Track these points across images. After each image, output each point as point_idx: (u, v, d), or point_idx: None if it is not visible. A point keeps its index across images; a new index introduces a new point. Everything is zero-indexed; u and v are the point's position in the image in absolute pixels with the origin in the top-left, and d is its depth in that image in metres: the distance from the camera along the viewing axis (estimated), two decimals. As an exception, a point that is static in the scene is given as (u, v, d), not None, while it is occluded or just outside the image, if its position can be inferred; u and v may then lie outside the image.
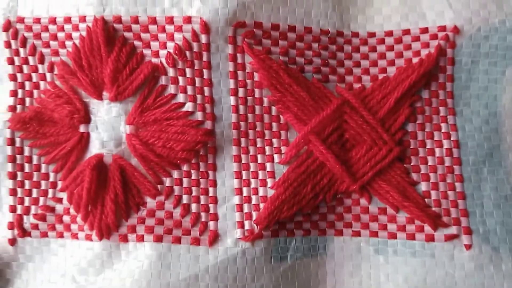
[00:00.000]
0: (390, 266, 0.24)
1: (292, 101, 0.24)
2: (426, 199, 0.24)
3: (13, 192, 0.25)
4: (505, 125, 0.24)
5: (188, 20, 0.23)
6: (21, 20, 0.25)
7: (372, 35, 0.25)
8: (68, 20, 0.24)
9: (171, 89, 0.24)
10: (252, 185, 0.24)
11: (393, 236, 0.24)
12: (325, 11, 0.24)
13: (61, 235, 0.24)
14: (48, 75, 0.25)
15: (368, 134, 0.24)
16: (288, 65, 0.24)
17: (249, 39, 0.24)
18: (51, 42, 0.24)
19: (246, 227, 0.23)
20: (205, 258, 0.23)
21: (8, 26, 0.25)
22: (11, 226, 0.25)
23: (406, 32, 0.25)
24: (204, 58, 0.24)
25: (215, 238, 0.23)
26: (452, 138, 0.24)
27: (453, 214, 0.23)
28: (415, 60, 0.24)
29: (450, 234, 0.23)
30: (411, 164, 0.24)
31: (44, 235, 0.25)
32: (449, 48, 0.24)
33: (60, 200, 0.25)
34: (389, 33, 0.25)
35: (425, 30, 0.24)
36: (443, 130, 0.24)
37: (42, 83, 0.25)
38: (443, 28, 0.24)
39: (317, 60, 0.24)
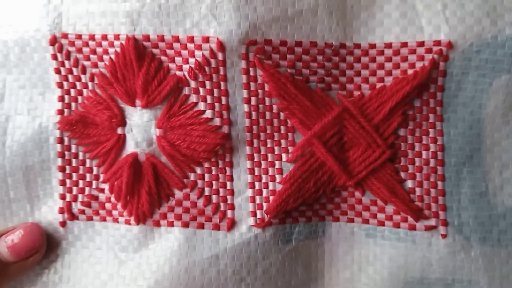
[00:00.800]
0: (378, 247, 0.29)
1: (297, 108, 0.28)
2: (411, 195, 0.28)
3: (62, 183, 0.30)
4: (487, 130, 0.28)
5: (207, 40, 0.27)
6: (65, 36, 0.29)
7: (372, 46, 0.28)
8: (105, 37, 0.28)
9: (193, 98, 0.28)
10: (263, 180, 0.29)
11: (381, 223, 0.29)
12: (329, 26, 0.27)
13: (104, 219, 0.30)
14: (89, 84, 0.29)
15: (363, 138, 0.28)
16: (294, 76, 0.28)
17: (260, 54, 0.27)
18: (91, 56, 0.29)
19: (258, 216, 0.29)
20: (224, 241, 0.28)
21: (54, 41, 0.29)
22: (61, 211, 0.30)
23: (404, 44, 0.28)
24: (221, 72, 0.28)
25: (232, 225, 0.29)
26: (438, 143, 0.28)
27: (433, 208, 0.28)
28: (410, 71, 0.28)
29: (430, 225, 0.28)
30: (401, 164, 0.28)
31: (90, 218, 0.30)
32: (441, 62, 0.27)
33: (102, 190, 0.30)
34: (388, 45, 0.28)
35: (421, 44, 0.27)
36: (430, 135, 0.28)
37: (85, 91, 0.29)
38: (438, 43, 0.27)
39: (321, 71, 0.28)
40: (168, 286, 0.28)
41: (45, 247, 0.30)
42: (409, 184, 0.28)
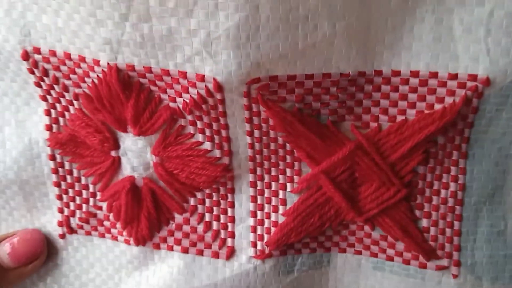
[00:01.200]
0: (385, 280, 0.28)
1: (305, 143, 0.25)
2: (424, 234, 0.26)
3: (59, 197, 0.29)
4: (511, 168, 0.25)
5: (202, 78, 0.23)
6: (37, 51, 0.25)
7: (396, 73, 0.24)
8: (82, 59, 0.24)
9: (190, 129, 0.25)
10: (266, 210, 0.27)
11: (391, 258, 0.27)
12: (347, 55, 0.23)
13: (102, 236, 0.29)
14: (75, 102, 0.26)
15: (377, 176, 0.25)
16: (303, 111, 0.25)
17: (263, 91, 0.24)
18: (71, 76, 0.25)
19: (258, 247, 0.28)
20: (223, 270, 0.28)
21: (26, 55, 0.25)
22: (60, 224, 0.30)
23: (434, 75, 0.23)
24: (220, 109, 0.24)
25: (231, 253, 0.28)
26: (459, 181, 0.25)
27: (447, 248, 0.26)
28: (437, 106, 0.24)
29: (441, 265, 0.26)
30: (416, 202, 0.26)
31: (88, 233, 0.30)
32: (474, 99, 0.23)
33: (100, 208, 0.29)
34: (415, 74, 0.24)
35: (454, 77, 0.23)
36: (451, 173, 0.25)
37: (71, 108, 0.27)
38: (473, 78, 0.23)
39: (333, 103, 0.24)
40: None
41: (45, 254, 0.30)
42: (424, 223, 0.26)
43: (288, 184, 0.27)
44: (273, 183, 0.27)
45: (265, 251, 0.28)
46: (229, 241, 0.28)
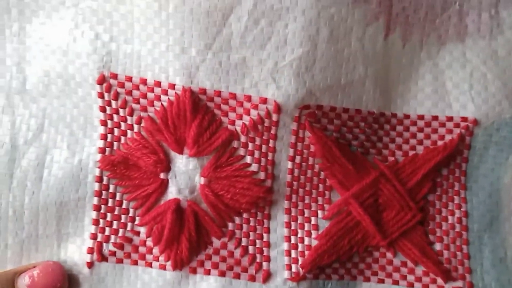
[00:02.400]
0: None
1: (338, 170, 0.30)
2: (439, 257, 0.31)
3: (95, 222, 0.30)
4: (505, 199, 0.32)
5: (264, 101, 0.29)
6: (114, 76, 0.30)
7: (407, 117, 0.32)
8: (158, 84, 0.30)
9: (241, 152, 0.30)
10: (299, 235, 0.31)
11: (411, 285, 0.30)
12: (374, 96, 0.31)
13: (135, 263, 0.30)
14: (135, 126, 0.30)
15: (397, 201, 0.31)
16: (339, 140, 0.31)
17: (311, 118, 0.30)
18: (141, 100, 0.30)
19: (293, 269, 0.30)
20: (260, 293, 0.30)
21: (103, 80, 0.30)
22: (90, 251, 0.30)
23: (435, 118, 0.31)
24: (272, 131, 0.30)
25: (267, 277, 0.30)
26: (462, 209, 0.31)
27: (460, 271, 0.31)
28: (439, 142, 0.31)
29: (457, 286, 0.30)
30: (429, 227, 0.31)
31: (120, 261, 0.30)
32: (467, 136, 0.31)
33: (137, 233, 0.30)
34: (421, 117, 0.32)
35: (450, 119, 0.31)
36: (455, 202, 0.31)
37: (129, 132, 0.30)
38: (465, 119, 0.31)
39: (362, 136, 0.31)
40: None
41: (67, 286, 0.30)
42: (437, 246, 0.31)
43: (319, 212, 0.31)
44: (305, 210, 0.31)
45: (299, 274, 0.30)
46: (264, 265, 0.30)
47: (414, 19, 0.31)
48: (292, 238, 0.31)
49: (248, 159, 0.30)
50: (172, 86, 0.29)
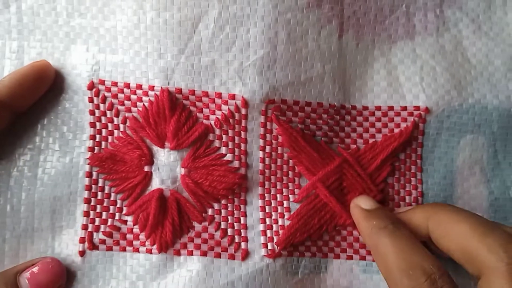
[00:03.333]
0: (373, 282, 0.34)
1: (305, 157, 0.35)
2: (399, 233, 0.35)
3: (86, 214, 0.34)
4: (457, 180, 0.36)
5: (233, 97, 0.34)
6: (102, 82, 0.34)
7: (365, 108, 0.36)
8: (139, 87, 0.34)
9: (217, 143, 0.34)
10: (273, 217, 0.35)
11: (375, 259, 0.35)
12: (333, 90, 0.35)
13: (123, 249, 0.34)
14: (121, 126, 0.34)
15: (360, 184, 0.35)
16: (304, 131, 0.35)
17: (277, 112, 0.34)
18: (126, 102, 0.34)
19: (269, 247, 0.34)
20: (239, 269, 0.33)
21: (92, 86, 0.34)
22: (82, 240, 0.34)
23: (391, 108, 0.36)
24: (243, 124, 0.34)
25: (246, 255, 0.34)
26: (418, 189, 0.35)
27: (418, 244, 0.35)
28: (396, 130, 0.36)
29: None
30: (389, 206, 0.35)
31: (109, 249, 0.34)
32: (420, 123, 0.35)
33: (125, 222, 0.34)
34: (378, 108, 0.36)
35: (404, 108, 0.36)
36: (412, 183, 0.36)
37: (116, 132, 0.35)
38: (417, 108, 0.36)
39: (325, 127, 0.35)
40: None
41: (65, 282, 0.33)
42: (397, 223, 0.35)
43: (291, 196, 0.35)
44: (278, 195, 0.35)
45: (275, 251, 0.34)
46: (243, 245, 0.34)
47: (365, 21, 0.36)
48: (267, 220, 0.35)
49: (223, 149, 0.34)
50: (152, 88, 0.34)
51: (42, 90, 0.35)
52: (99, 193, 0.35)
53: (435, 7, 0.37)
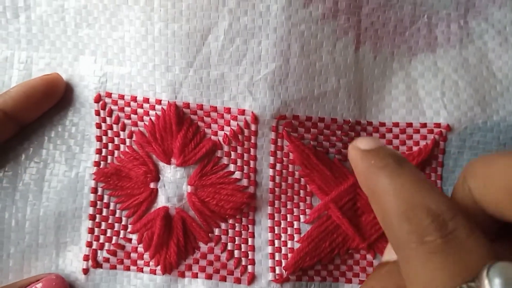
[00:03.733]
0: None
1: (317, 176, 0.33)
2: (416, 258, 0.34)
3: (91, 231, 0.34)
4: None
5: (242, 112, 0.33)
6: (109, 95, 0.34)
7: (382, 124, 0.35)
8: (146, 100, 0.34)
9: (225, 160, 0.33)
10: (282, 239, 0.34)
11: (390, 285, 0.33)
12: (348, 106, 0.34)
13: (127, 269, 0.33)
14: (127, 140, 0.34)
15: (374, 205, 0.34)
16: (316, 148, 0.34)
17: (288, 128, 0.33)
18: (132, 115, 0.34)
19: (277, 271, 0.33)
20: (245, 294, 0.33)
21: (99, 99, 0.34)
22: (86, 258, 0.34)
23: (409, 125, 0.34)
24: (252, 140, 0.33)
25: (252, 279, 0.33)
26: (439, 212, 0.34)
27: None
28: (414, 148, 0.34)
29: (433, 287, 0.33)
30: (407, 230, 0.34)
31: (113, 267, 0.34)
32: (441, 141, 0.34)
33: (129, 240, 0.34)
34: (396, 124, 0.35)
35: (424, 125, 0.34)
36: (433, 205, 0.34)
37: (122, 146, 0.34)
38: (438, 125, 0.34)
39: (339, 144, 0.34)
40: None
41: None
42: (414, 248, 0.34)
43: (301, 216, 0.34)
44: (288, 215, 0.34)
45: (283, 275, 0.33)
46: (249, 268, 0.33)
47: (383, 33, 0.35)
48: (276, 241, 0.34)
49: (232, 167, 0.34)
50: (159, 102, 0.33)
51: (50, 104, 0.34)
52: (104, 210, 0.34)
53: (459, 18, 0.35)
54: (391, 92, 0.35)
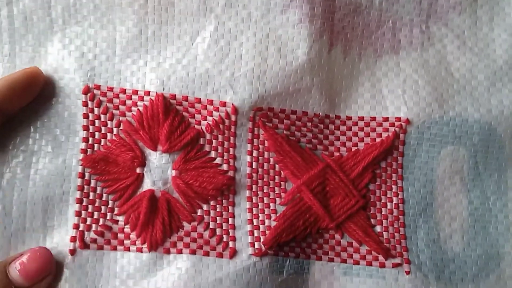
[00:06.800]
0: (353, 284, 0.43)
1: (290, 162, 0.44)
2: (380, 237, 0.44)
3: (78, 214, 0.42)
4: (437, 189, 0.45)
5: (224, 104, 0.43)
6: (97, 87, 0.43)
7: (349, 118, 0.45)
8: (135, 92, 0.43)
9: (207, 148, 0.43)
10: (260, 218, 0.43)
11: (357, 262, 0.43)
12: (319, 101, 0.44)
13: (114, 248, 0.42)
14: (115, 129, 0.43)
15: (342, 189, 0.44)
16: (289, 137, 0.44)
17: (264, 118, 0.43)
18: (120, 106, 0.43)
19: (256, 246, 0.42)
20: (226, 267, 0.42)
21: (87, 90, 0.43)
22: (73, 239, 0.42)
23: (373, 119, 0.45)
24: (232, 130, 0.43)
25: (234, 253, 0.42)
26: (399, 196, 0.44)
27: (398, 249, 0.43)
28: (377, 139, 0.45)
29: (396, 263, 0.43)
30: (371, 212, 0.44)
31: (100, 248, 0.42)
32: (401, 133, 0.45)
33: (116, 222, 0.43)
34: (361, 118, 0.45)
35: (386, 119, 0.45)
36: (393, 190, 0.45)
37: (109, 135, 0.43)
38: (399, 119, 0.45)
39: (309, 135, 0.44)
40: None
41: (55, 268, 0.41)
42: (378, 228, 0.44)
43: (277, 199, 0.44)
44: (265, 198, 0.44)
45: (262, 249, 0.42)
46: (231, 244, 0.42)
47: (352, 36, 0.45)
48: (254, 221, 0.43)
49: (213, 153, 0.43)
50: (148, 93, 0.43)
51: (32, 95, 0.43)
52: (91, 194, 0.43)
53: (421, 23, 0.46)
54: (358, 90, 0.45)
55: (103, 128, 0.44)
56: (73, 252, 0.42)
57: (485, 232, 0.45)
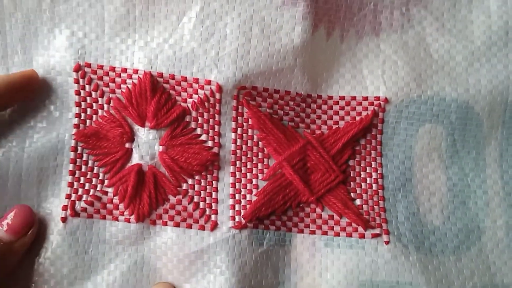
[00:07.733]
0: (334, 255, 0.47)
1: (272, 139, 0.48)
2: (360, 210, 0.47)
3: (70, 185, 0.47)
4: (416, 165, 0.49)
5: (208, 82, 0.47)
6: (88, 65, 0.47)
7: (330, 97, 0.49)
8: (124, 70, 0.47)
9: (192, 125, 0.47)
10: (242, 193, 0.47)
11: (337, 234, 0.47)
12: (301, 81, 0.48)
13: (103, 217, 0.46)
14: (105, 106, 0.48)
15: (322, 165, 0.48)
16: (272, 115, 0.48)
17: (247, 97, 0.47)
18: (110, 84, 0.47)
19: (236, 219, 0.46)
20: (208, 239, 0.46)
21: (78, 68, 0.47)
22: (65, 208, 0.46)
23: (353, 98, 0.49)
24: (216, 107, 0.47)
25: (215, 226, 0.46)
26: (378, 172, 0.48)
27: (377, 220, 0.47)
28: (357, 118, 0.49)
29: (375, 233, 0.47)
30: (350, 187, 0.48)
31: (90, 216, 0.46)
32: (380, 112, 0.49)
33: (105, 193, 0.47)
34: (342, 98, 0.49)
35: (366, 98, 0.49)
36: (372, 166, 0.48)
37: (100, 111, 0.48)
38: (378, 98, 0.48)
39: (291, 113, 0.48)
40: (164, 274, 0.45)
41: (37, 220, 0.45)
42: (358, 202, 0.48)
43: (260, 175, 0.48)
44: (248, 174, 0.48)
45: (241, 223, 0.46)
46: (213, 217, 0.47)
47: (335, 18, 0.49)
48: (236, 195, 0.47)
49: (198, 130, 0.47)
50: (136, 71, 0.47)
51: (27, 97, 0.47)
52: (83, 166, 0.47)
53: (401, 5, 0.50)
54: (339, 70, 0.49)
55: (94, 104, 0.48)
56: (64, 219, 0.46)
57: (464, 207, 0.49)
